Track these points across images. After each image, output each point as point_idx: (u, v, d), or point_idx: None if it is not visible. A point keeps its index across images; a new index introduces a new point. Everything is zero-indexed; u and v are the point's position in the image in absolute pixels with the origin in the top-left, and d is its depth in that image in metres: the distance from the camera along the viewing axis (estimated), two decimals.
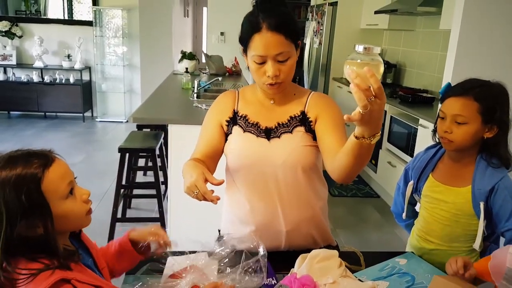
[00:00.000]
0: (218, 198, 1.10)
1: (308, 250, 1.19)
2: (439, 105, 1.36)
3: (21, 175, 0.81)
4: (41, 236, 0.83)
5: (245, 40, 1.28)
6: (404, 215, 1.53)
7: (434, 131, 1.39)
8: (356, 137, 1.00)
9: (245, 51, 1.31)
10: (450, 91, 1.32)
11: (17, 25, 6.19)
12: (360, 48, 0.89)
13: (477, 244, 1.29)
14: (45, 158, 0.85)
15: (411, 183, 1.46)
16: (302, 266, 1.14)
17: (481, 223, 1.27)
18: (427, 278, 1.20)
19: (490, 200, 1.27)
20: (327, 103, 1.39)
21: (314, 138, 1.36)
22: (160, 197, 2.95)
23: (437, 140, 1.40)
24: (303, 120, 1.36)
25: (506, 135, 1.30)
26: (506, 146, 1.30)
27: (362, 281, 1.15)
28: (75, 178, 0.92)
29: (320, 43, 5.35)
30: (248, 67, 1.34)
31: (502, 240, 1.33)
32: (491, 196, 1.26)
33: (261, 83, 1.30)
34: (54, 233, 0.84)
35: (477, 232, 1.29)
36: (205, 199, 1.11)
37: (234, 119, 1.39)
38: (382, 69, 0.89)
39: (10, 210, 0.79)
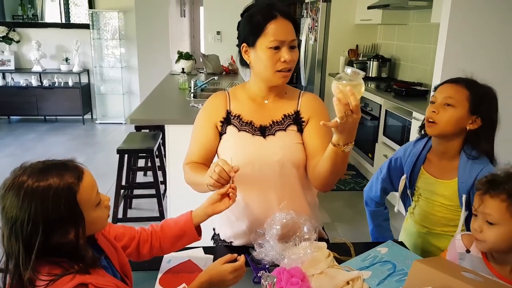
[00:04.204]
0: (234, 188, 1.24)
1: None
2: (431, 93, 1.41)
3: (59, 188, 0.84)
4: (71, 242, 0.86)
5: (256, 31, 1.32)
6: (397, 207, 1.58)
7: (421, 127, 1.44)
8: (332, 144, 1.17)
9: (251, 44, 1.34)
10: (445, 81, 1.38)
11: (14, 30, 6.23)
12: (348, 70, 1.07)
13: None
14: (77, 170, 0.89)
15: (403, 177, 1.49)
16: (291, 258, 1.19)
17: (462, 215, 1.32)
18: (407, 265, 1.25)
19: (472, 192, 1.30)
20: (319, 108, 1.45)
21: None
22: (159, 197, 3.00)
23: (423, 133, 1.45)
24: (297, 119, 1.42)
25: (489, 131, 1.33)
26: (488, 142, 1.34)
27: (348, 271, 1.20)
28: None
29: (315, 40, 5.37)
30: (249, 63, 1.38)
31: None
32: (473, 189, 1.29)
33: (273, 71, 1.34)
34: (85, 239, 0.89)
35: (459, 221, 1.34)
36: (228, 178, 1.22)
37: (227, 119, 1.43)
38: (363, 89, 1.07)
39: (49, 220, 0.83)
